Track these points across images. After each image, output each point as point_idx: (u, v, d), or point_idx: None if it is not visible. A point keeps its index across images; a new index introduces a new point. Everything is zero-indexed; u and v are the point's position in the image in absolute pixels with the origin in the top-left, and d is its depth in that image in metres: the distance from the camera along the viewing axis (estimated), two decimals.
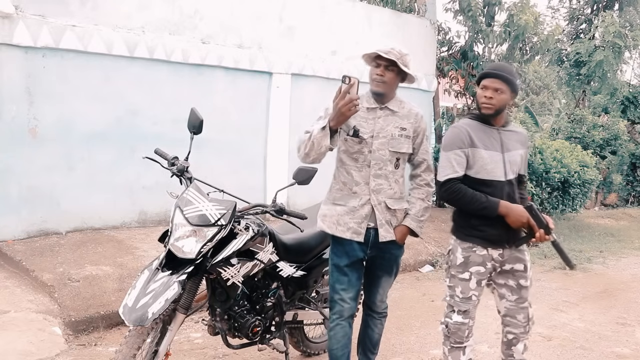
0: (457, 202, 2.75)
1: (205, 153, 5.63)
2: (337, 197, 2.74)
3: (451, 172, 2.69)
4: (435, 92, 8.85)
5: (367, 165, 2.69)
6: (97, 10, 5.30)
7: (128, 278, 4.30)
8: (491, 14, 8.67)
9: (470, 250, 2.76)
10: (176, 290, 2.44)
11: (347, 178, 2.72)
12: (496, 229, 2.69)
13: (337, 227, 2.71)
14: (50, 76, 5.09)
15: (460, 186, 2.68)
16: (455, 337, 2.81)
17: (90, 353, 3.60)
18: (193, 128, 2.84)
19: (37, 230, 5.10)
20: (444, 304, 2.91)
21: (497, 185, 2.70)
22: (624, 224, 10.15)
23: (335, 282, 2.76)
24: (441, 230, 7.26)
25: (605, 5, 12.09)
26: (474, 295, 2.78)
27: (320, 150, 2.51)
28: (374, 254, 2.76)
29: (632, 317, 4.81)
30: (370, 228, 2.71)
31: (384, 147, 2.69)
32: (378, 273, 2.85)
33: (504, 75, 2.65)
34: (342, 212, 2.71)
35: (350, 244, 2.71)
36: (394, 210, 2.74)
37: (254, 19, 6.44)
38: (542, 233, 2.60)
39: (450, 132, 2.78)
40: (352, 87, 2.40)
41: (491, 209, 2.64)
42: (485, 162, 2.68)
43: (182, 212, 2.56)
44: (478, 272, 2.76)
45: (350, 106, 2.41)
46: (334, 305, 2.77)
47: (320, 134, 2.47)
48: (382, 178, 2.70)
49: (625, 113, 12.74)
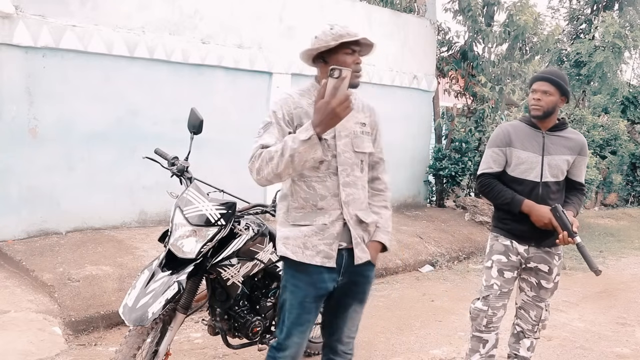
0: (487, 195, 2.96)
1: (205, 153, 5.63)
2: (299, 217, 2.19)
3: (486, 168, 2.93)
4: (435, 92, 8.85)
5: (332, 174, 2.18)
6: (97, 10, 5.30)
7: (128, 278, 4.30)
8: (491, 14, 8.67)
9: (494, 239, 2.97)
10: (176, 290, 2.45)
11: (309, 193, 2.18)
12: (523, 225, 2.83)
13: (303, 252, 2.16)
14: (51, 76, 5.09)
15: (490, 180, 2.91)
16: (475, 323, 2.96)
17: (90, 353, 3.60)
18: (193, 128, 2.84)
19: (37, 230, 5.10)
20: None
21: (529, 184, 2.84)
22: (624, 224, 10.15)
23: (294, 321, 2.20)
24: (441, 231, 7.26)
25: (605, 5, 12.09)
26: (495, 284, 2.90)
27: (305, 165, 2.01)
28: (345, 280, 2.24)
29: (632, 317, 4.82)
30: (341, 249, 2.20)
31: (348, 148, 2.21)
32: (348, 302, 2.30)
33: (551, 78, 2.79)
34: (310, 232, 2.17)
35: (319, 273, 2.17)
36: (366, 224, 2.27)
37: (254, 19, 6.44)
38: (566, 235, 2.67)
39: (495, 131, 2.97)
40: (343, 82, 1.92)
41: (514, 205, 2.81)
42: (521, 161, 2.85)
43: (182, 212, 2.56)
44: (499, 261, 2.90)
45: (346, 104, 1.93)
46: (287, 347, 2.21)
47: (303, 146, 1.94)
48: (352, 186, 2.22)
49: (625, 113, 12.74)
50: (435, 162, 8.62)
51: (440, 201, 8.94)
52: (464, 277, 6.00)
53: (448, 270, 6.28)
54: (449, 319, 4.54)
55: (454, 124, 8.81)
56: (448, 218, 7.92)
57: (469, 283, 5.77)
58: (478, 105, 8.60)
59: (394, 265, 5.99)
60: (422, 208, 8.60)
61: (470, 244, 7.10)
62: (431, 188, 9.01)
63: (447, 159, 8.50)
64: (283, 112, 2.16)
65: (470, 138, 8.55)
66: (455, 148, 8.60)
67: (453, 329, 4.34)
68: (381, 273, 5.80)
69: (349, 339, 2.36)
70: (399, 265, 6.05)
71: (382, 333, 4.18)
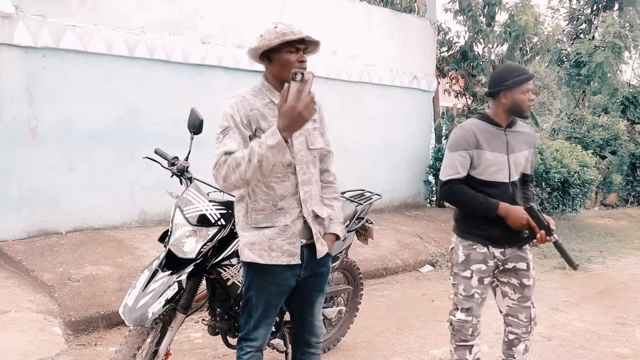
0: (457, 203, 2.78)
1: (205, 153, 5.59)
2: (260, 219, 2.23)
3: (453, 173, 2.71)
4: (435, 92, 8.86)
5: (291, 173, 2.22)
6: (97, 10, 5.30)
7: (128, 278, 4.30)
8: (491, 14, 8.67)
9: (470, 248, 2.78)
10: (176, 290, 2.45)
11: (268, 194, 2.21)
12: (498, 229, 2.70)
13: (269, 254, 2.22)
14: (51, 76, 5.09)
15: (460, 187, 2.71)
16: (459, 334, 2.84)
17: (90, 353, 3.61)
18: (193, 128, 2.84)
19: (37, 230, 5.10)
20: (444, 303, 2.93)
21: (500, 186, 2.72)
22: (623, 224, 10.15)
23: (261, 316, 2.31)
24: (441, 231, 7.26)
25: (605, 5, 12.09)
26: (476, 293, 2.80)
27: (273, 169, 2.05)
28: (307, 274, 2.33)
29: (632, 317, 4.82)
30: (303, 246, 2.27)
31: (303, 146, 2.26)
32: (313, 294, 2.42)
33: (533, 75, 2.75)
34: (273, 234, 2.21)
35: (282, 272, 2.25)
36: (322, 218, 2.34)
37: (254, 19, 6.43)
38: (543, 234, 2.62)
39: (456, 132, 2.78)
40: (306, 85, 1.92)
41: (490, 210, 2.67)
42: (490, 163, 2.70)
43: (182, 212, 2.56)
44: (479, 270, 2.78)
45: (311, 107, 1.95)
46: (255, 338, 2.33)
47: (271, 151, 1.95)
48: (309, 184, 2.27)
49: (625, 113, 12.74)
50: (435, 162, 8.62)
51: (440, 201, 8.94)
52: None
53: (448, 270, 6.26)
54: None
55: (454, 124, 8.81)
56: (448, 218, 7.92)
57: None
58: (478, 105, 8.60)
59: (394, 265, 5.99)
60: (422, 208, 8.60)
61: None
62: (431, 188, 9.01)
63: None
64: (240, 116, 2.17)
65: None
66: None
67: None
68: (381, 273, 5.80)
69: (319, 327, 2.52)
70: (399, 265, 6.05)
71: (382, 333, 4.18)
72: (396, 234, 6.70)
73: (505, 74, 2.72)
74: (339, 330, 3.75)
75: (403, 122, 8.15)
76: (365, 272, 5.03)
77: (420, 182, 8.72)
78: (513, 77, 2.68)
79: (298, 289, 2.36)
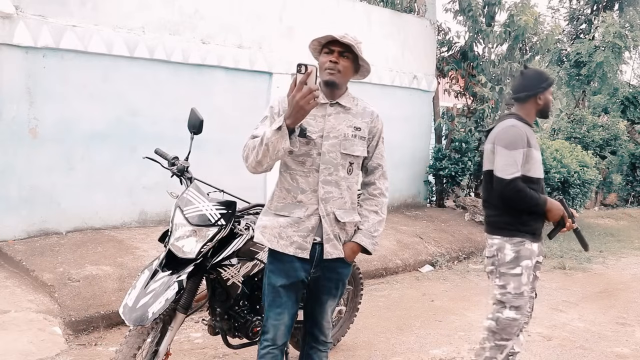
0: (520, 201, 2.83)
1: (205, 153, 5.63)
2: (280, 207, 2.35)
3: (515, 172, 2.80)
4: (435, 92, 8.85)
5: (315, 170, 2.30)
6: (97, 10, 5.30)
7: (128, 278, 4.30)
8: (491, 14, 8.67)
9: (520, 244, 2.88)
10: (176, 290, 2.45)
11: (292, 185, 2.33)
12: (539, 222, 2.90)
13: (278, 241, 2.32)
14: (51, 76, 5.09)
15: (523, 185, 2.83)
16: (504, 333, 2.88)
17: (90, 353, 3.61)
18: (193, 128, 2.84)
19: (37, 230, 5.10)
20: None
21: (539, 182, 2.92)
22: (623, 224, 10.16)
23: (270, 304, 2.38)
24: (441, 231, 7.26)
25: (605, 5, 12.10)
26: (525, 290, 2.88)
27: (277, 154, 2.13)
28: (318, 274, 2.38)
29: (632, 317, 4.82)
30: (316, 243, 2.33)
31: (335, 149, 2.31)
32: (323, 297, 2.46)
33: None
34: (285, 223, 2.32)
35: (291, 262, 2.32)
36: (343, 223, 2.36)
37: (254, 19, 6.44)
38: (571, 222, 2.87)
39: (513, 132, 2.85)
40: (309, 77, 2.03)
41: (542, 205, 2.85)
42: (535, 161, 2.89)
43: (182, 212, 2.56)
44: (527, 267, 2.88)
45: (309, 98, 2.03)
46: (267, 330, 2.39)
47: (275, 136, 2.07)
48: (332, 185, 2.32)
49: (625, 113, 12.75)
50: (435, 162, 8.63)
51: (440, 201, 8.95)
52: (464, 277, 6.00)
53: (448, 270, 6.28)
54: (449, 319, 4.54)
55: (454, 124, 8.81)
56: (448, 218, 7.93)
57: (469, 283, 5.77)
58: (478, 105, 8.60)
59: (394, 265, 5.99)
60: (422, 208, 8.60)
61: (470, 244, 7.10)
62: (431, 188, 9.01)
63: (447, 159, 8.50)
64: (279, 108, 2.31)
65: (470, 138, 8.55)
66: (455, 148, 8.60)
67: (453, 329, 4.34)
68: (381, 273, 5.80)
69: (328, 329, 2.55)
70: (399, 265, 6.05)
71: (382, 333, 4.18)
72: (396, 234, 6.70)
73: (540, 78, 2.94)
74: (339, 330, 3.75)
75: (403, 122, 8.15)
76: (365, 272, 5.04)
77: (420, 182, 8.73)
78: (547, 80, 2.91)
79: (310, 288, 2.44)
